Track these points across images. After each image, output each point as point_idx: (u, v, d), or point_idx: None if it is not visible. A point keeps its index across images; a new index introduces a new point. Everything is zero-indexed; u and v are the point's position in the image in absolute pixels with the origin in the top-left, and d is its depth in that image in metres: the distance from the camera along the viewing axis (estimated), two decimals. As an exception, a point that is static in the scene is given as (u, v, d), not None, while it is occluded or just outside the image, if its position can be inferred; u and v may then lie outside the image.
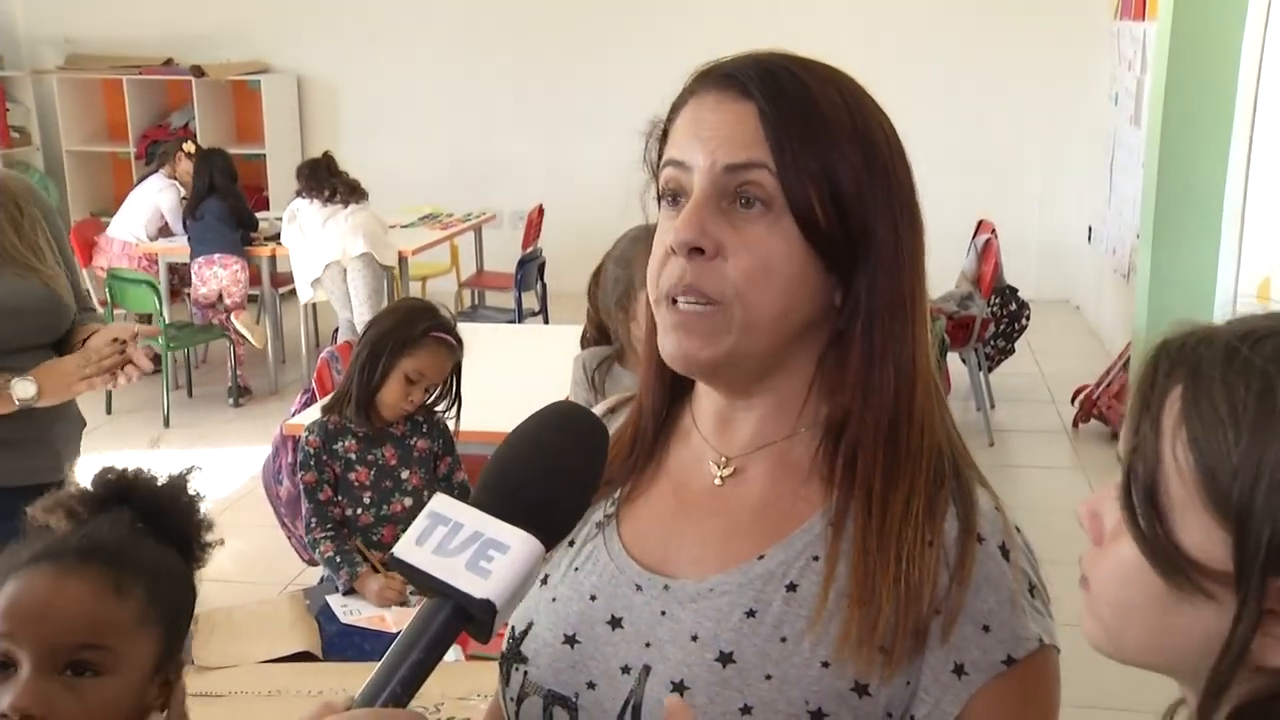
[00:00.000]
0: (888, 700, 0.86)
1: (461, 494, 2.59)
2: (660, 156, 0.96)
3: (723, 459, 0.97)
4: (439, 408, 2.70)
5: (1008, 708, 0.87)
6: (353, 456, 2.62)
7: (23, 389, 2.20)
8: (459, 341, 2.64)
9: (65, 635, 0.99)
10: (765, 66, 0.91)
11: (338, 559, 2.55)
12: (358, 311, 5.67)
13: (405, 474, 2.65)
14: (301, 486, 2.64)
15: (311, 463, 2.61)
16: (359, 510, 2.63)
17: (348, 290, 5.77)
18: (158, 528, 1.09)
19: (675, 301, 0.90)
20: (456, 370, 2.68)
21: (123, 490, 1.09)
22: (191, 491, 1.11)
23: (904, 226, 0.92)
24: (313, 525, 2.61)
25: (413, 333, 2.56)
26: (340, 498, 2.63)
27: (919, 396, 0.92)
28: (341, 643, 2.37)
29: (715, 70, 0.93)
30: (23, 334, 2.28)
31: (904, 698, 0.87)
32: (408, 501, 2.64)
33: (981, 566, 0.88)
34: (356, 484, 2.62)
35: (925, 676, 0.87)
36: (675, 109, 0.95)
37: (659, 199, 0.95)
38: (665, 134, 0.96)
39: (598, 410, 1.11)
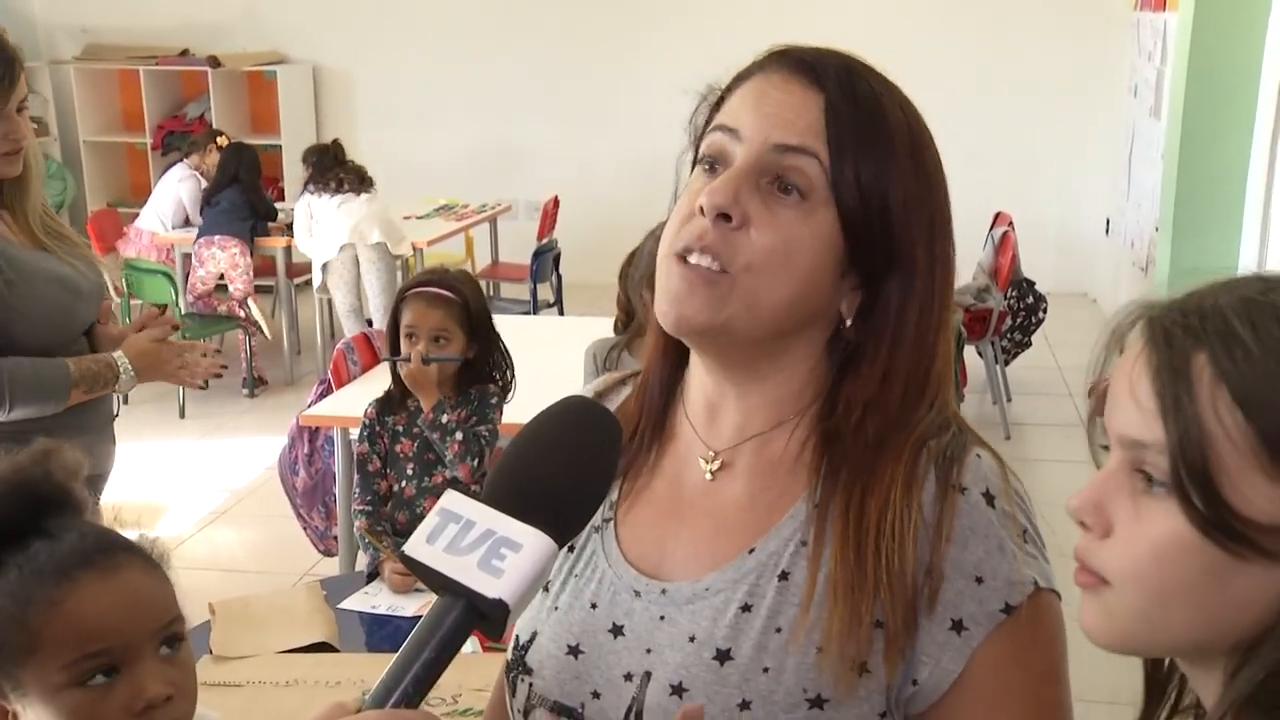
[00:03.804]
0: (888, 672, 0.86)
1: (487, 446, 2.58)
2: (707, 123, 0.94)
3: (711, 453, 0.96)
4: (495, 386, 2.70)
5: (1011, 655, 0.86)
6: (400, 429, 2.69)
7: (125, 367, 2.09)
8: (454, 292, 2.63)
9: (156, 621, 1.03)
10: (842, 63, 0.91)
11: (366, 538, 2.64)
12: (373, 303, 5.70)
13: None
14: (355, 458, 2.75)
15: (365, 434, 2.70)
16: (404, 482, 2.69)
17: (357, 276, 5.80)
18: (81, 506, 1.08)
19: (685, 259, 0.89)
20: (482, 333, 2.67)
21: (34, 501, 1.04)
22: (50, 464, 1.07)
23: (940, 250, 0.92)
24: (356, 496, 2.71)
25: (401, 298, 2.67)
26: (389, 470, 2.70)
27: (921, 411, 0.91)
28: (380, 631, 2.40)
29: (790, 54, 0.92)
30: (90, 316, 2.20)
31: (902, 666, 0.86)
32: (449, 473, 2.67)
33: (965, 518, 0.87)
34: (402, 455, 2.69)
35: (922, 639, 0.86)
36: (738, 80, 0.94)
37: (694, 164, 0.94)
38: (720, 102, 0.94)
39: (603, 383, 1.10)
